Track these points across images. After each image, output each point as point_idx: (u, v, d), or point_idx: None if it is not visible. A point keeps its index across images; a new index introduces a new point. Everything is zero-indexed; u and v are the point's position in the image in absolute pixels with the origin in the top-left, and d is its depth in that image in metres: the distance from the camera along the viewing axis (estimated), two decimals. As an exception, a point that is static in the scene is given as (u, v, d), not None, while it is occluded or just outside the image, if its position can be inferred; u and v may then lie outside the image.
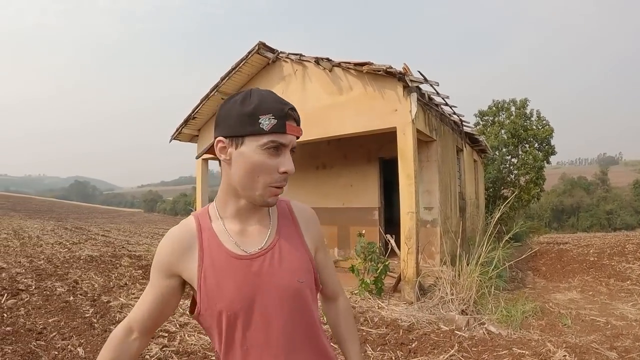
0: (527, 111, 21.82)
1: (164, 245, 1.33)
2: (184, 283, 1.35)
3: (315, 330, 1.38)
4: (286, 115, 1.23)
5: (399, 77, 7.44)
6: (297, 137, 1.29)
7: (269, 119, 1.20)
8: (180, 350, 5.12)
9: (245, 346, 1.27)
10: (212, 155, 1.42)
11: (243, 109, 1.22)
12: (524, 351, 4.99)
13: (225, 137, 1.26)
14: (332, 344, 1.54)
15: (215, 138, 1.29)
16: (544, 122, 21.58)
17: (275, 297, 1.28)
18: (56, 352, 4.87)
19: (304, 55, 9.10)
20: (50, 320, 5.99)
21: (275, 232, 1.38)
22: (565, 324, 6.17)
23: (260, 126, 1.20)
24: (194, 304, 1.33)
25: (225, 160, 1.28)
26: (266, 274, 1.29)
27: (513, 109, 22.09)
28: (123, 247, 14.72)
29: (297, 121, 1.29)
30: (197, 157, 1.58)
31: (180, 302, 7.13)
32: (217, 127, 1.29)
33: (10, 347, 4.86)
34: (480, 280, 6.71)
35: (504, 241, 7.33)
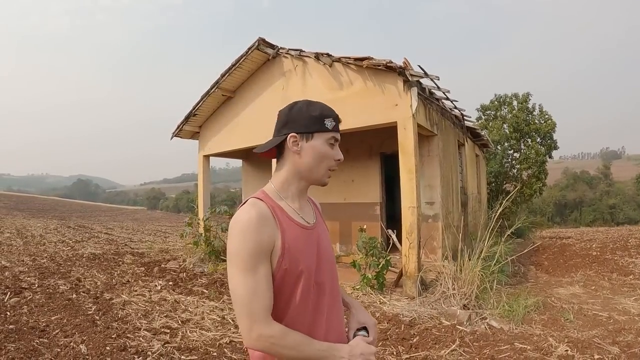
0: (530, 105, 21.73)
1: (252, 229, 1.48)
2: None
3: (339, 286, 1.81)
4: (339, 120, 1.69)
5: (399, 72, 7.42)
6: None
7: (331, 121, 1.64)
8: (182, 346, 5.13)
9: (316, 299, 1.61)
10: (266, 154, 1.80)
11: (311, 112, 1.63)
12: (525, 346, 4.99)
13: (297, 133, 1.62)
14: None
15: (287, 134, 1.63)
16: (547, 116, 21.47)
17: (328, 258, 1.71)
18: (59, 350, 4.89)
19: (304, 51, 9.09)
20: (53, 318, 6.02)
21: (316, 213, 1.81)
22: (567, 319, 6.16)
23: (326, 126, 1.63)
24: None
25: (296, 151, 1.63)
26: (322, 240, 1.71)
27: (515, 103, 21.96)
28: (126, 245, 14.76)
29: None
30: (259, 151, 1.76)
31: (183, 298, 7.16)
32: (287, 126, 1.64)
33: (14, 345, 4.88)
34: (482, 275, 6.70)
35: (505, 236, 7.31)
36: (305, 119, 1.62)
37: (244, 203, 1.60)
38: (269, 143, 1.69)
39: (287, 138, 1.63)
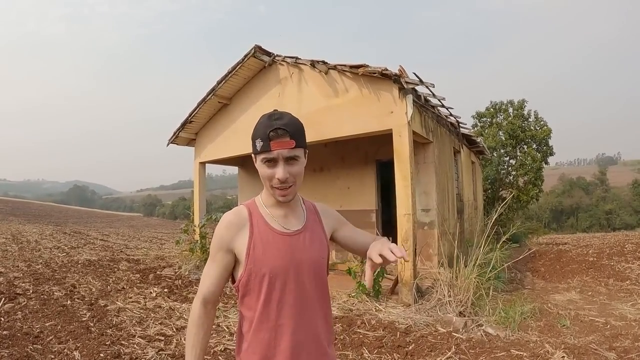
0: (525, 112, 21.79)
1: (222, 227, 1.73)
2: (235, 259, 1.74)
3: (326, 296, 1.82)
4: (269, 137, 1.60)
5: (395, 79, 7.43)
6: (292, 147, 1.63)
7: (259, 142, 1.62)
8: (177, 353, 5.11)
9: (280, 303, 1.65)
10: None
11: (258, 130, 1.64)
12: (522, 353, 4.98)
13: (252, 153, 1.70)
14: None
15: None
16: (542, 122, 21.54)
17: (306, 266, 1.71)
18: (52, 356, 4.88)
19: (300, 58, 9.10)
20: (47, 324, 6.00)
21: (306, 220, 1.83)
22: (564, 325, 6.17)
23: (256, 148, 1.64)
24: (232, 280, 1.77)
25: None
26: (301, 248, 1.72)
27: (511, 110, 22.02)
28: (121, 251, 14.74)
29: (286, 135, 1.61)
30: None
31: (178, 305, 7.14)
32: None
33: (7, 351, 4.86)
34: (478, 282, 6.70)
35: (501, 242, 7.32)
36: (254, 138, 1.67)
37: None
38: None
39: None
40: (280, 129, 1.60)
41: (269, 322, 1.65)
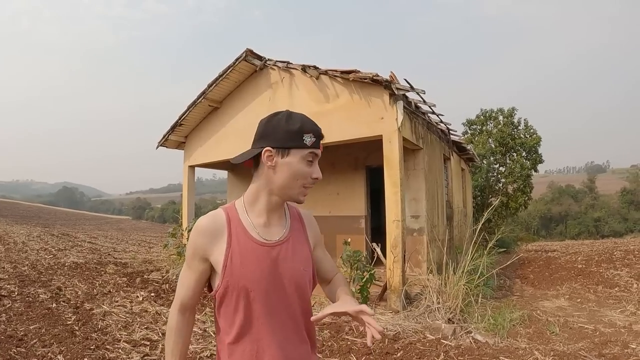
0: (515, 120, 21.93)
1: (197, 234, 1.61)
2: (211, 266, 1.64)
3: (308, 308, 1.72)
4: (320, 135, 1.62)
5: (385, 85, 7.44)
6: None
7: (311, 137, 1.58)
8: (162, 359, 5.05)
9: (260, 317, 1.57)
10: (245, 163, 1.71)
11: (289, 126, 1.57)
12: (510, 360, 4.97)
13: (273, 148, 1.57)
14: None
15: (263, 148, 1.58)
16: (532, 130, 21.69)
17: (287, 278, 1.62)
18: None
19: (291, 63, 9.10)
20: (31, 327, 5.95)
21: (289, 229, 1.73)
22: (553, 332, 6.17)
23: (304, 142, 1.57)
24: (209, 287, 1.70)
25: (270, 166, 1.59)
26: (282, 259, 1.63)
27: (501, 117, 22.18)
28: (109, 254, 14.65)
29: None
30: (234, 162, 1.73)
31: (165, 310, 7.08)
32: (263, 139, 1.60)
33: (-11, 354, 4.80)
34: (466, 289, 6.70)
35: (488, 248, 7.32)
36: (283, 133, 1.57)
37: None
38: (245, 154, 1.67)
39: (262, 152, 1.59)
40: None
41: (250, 335, 1.58)
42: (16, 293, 7.77)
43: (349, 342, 5.65)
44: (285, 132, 1.56)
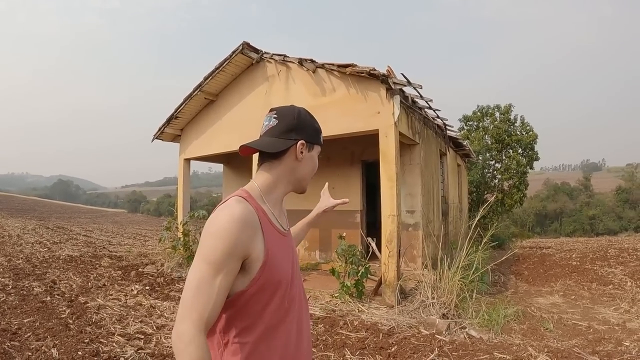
0: (512, 117, 21.97)
1: (239, 227, 1.38)
2: None
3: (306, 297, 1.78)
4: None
5: (382, 80, 7.41)
6: None
7: (321, 136, 1.73)
8: (156, 352, 5.04)
9: (290, 309, 1.58)
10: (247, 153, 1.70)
11: (314, 124, 1.69)
12: (505, 356, 4.96)
13: (306, 142, 1.63)
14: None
15: (298, 140, 1.60)
16: (528, 127, 21.73)
17: (297, 265, 1.71)
18: (30, 353, 4.80)
19: (288, 56, 9.05)
20: (25, 321, 5.92)
21: (287, 220, 1.79)
22: (547, 328, 6.19)
23: (320, 140, 1.72)
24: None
25: (299, 158, 1.62)
26: (293, 248, 1.73)
27: (497, 114, 22.22)
28: (104, 248, 14.58)
29: None
30: (267, 150, 1.62)
31: (159, 303, 7.05)
32: (296, 131, 1.61)
33: (-17, 348, 4.77)
34: (461, 284, 6.69)
35: (483, 243, 7.32)
36: (311, 128, 1.67)
37: (226, 201, 1.49)
38: (277, 144, 1.58)
39: (297, 144, 1.60)
40: None
41: (277, 331, 1.51)
42: (10, 286, 7.73)
43: (343, 337, 5.64)
44: (313, 128, 1.67)
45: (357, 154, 11.04)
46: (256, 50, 9.65)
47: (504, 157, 21.71)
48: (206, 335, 1.31)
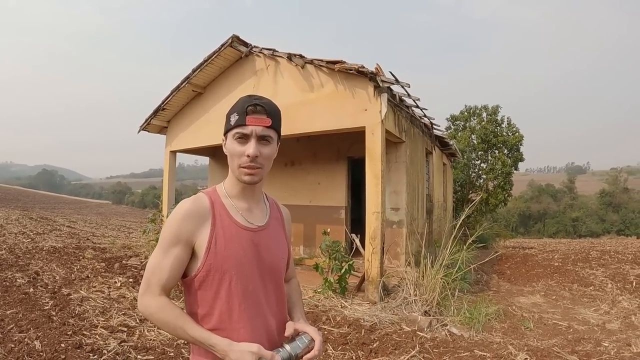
0: (498, 117, 22.09)
1: (182, 217, 1.58)
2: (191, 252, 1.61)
3: (282, 297, 1.78)
4: (246, 111, 1.58)
5: (370, 77, 7.42)
6: (268, 126, 1.61)
7: (234, 116, 1.60)
8: (139, 345, 5.02)
9: (242, 304, 1.58)
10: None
11: (230, 112, 1.64)
12: (485, 353, 5.01)
13: (224, 134, 1.66)
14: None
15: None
16: (514, 129, 21.86)
17: (267, 264, 1.68)
18: (12, 345, 4.77)
19: (277, 51, 9.04)
20: (8, 312, 5.88)
21: (269, 216, 1.79)
22: (527, 327, 6.26)
23: (230, 123, 1.62)
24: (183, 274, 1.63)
25: (225, 151, 1.67)
26: (264, 245, 1.69)
27: (484, 114, 22.33)
28: (88, 239, 14.50)
29: (264, 112, 1.61)
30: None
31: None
32: (225, 126, 1.67)
33: (-36, 339, 4.74)
34: (444, 282, 6.74)
35: (467, 243, 7.37)
36: (227, 118, 1.65)
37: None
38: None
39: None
40: (259, 105, 1.59)
41: (230, 323, 1.56)
42: (-8, 277, 7.70)
43: (325, 332, 5.66)
44: (228, 118, 1.65)
45: (343, 151, 11.05)
46: (245, 44, 9.62)
47: (489, 157, 21.82)
48: (162, 296, 1.55)
